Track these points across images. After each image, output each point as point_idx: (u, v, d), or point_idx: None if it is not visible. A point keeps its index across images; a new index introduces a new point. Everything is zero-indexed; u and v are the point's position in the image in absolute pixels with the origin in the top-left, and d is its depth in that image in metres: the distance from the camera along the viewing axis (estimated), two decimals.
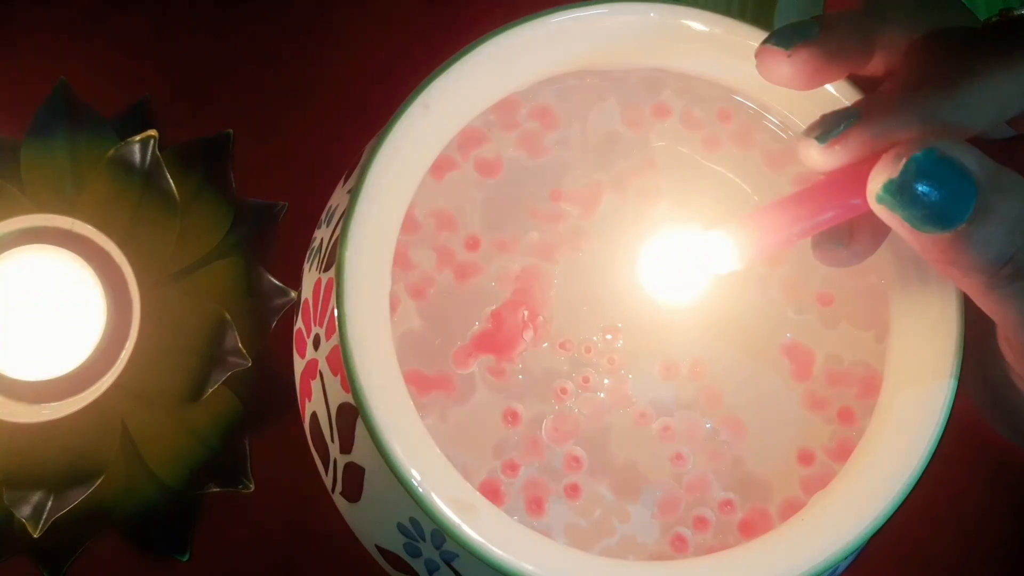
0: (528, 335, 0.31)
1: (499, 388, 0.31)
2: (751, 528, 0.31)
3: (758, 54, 0.28)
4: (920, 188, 0.24)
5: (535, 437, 0.31)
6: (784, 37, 0.27)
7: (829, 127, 0.26)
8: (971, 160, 0.24)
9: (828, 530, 0.28)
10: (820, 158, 0.26)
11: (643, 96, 0.33)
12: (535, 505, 0.30)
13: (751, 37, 0.30)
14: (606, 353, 0.32)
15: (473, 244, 0.32)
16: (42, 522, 0.39)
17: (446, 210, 0.32)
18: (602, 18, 0.31)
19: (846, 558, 0.28)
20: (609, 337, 0.32)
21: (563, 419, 0.31)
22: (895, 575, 0.42)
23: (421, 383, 0.31)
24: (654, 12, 0.31)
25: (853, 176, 0.26)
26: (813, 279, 0.32)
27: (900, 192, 0.24)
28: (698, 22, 0.31)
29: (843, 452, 0.31)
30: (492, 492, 0.30)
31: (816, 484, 0.30)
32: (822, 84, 0.28)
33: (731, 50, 0.31)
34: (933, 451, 0.28)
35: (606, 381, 0.32)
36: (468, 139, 0.32)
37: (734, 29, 0.31)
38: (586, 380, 0.32)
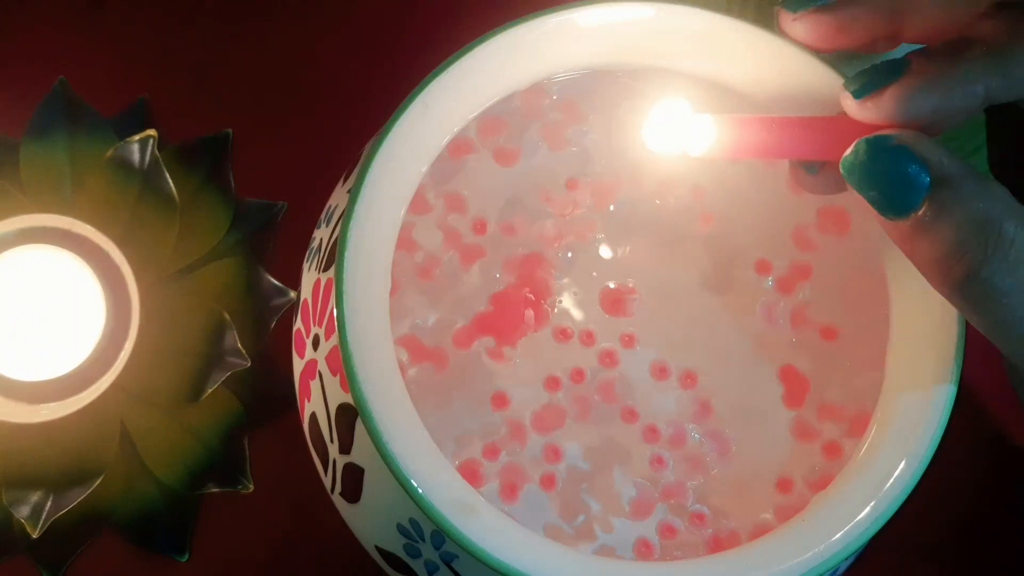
0: (529, 315, 0.31)
1: (492, 371, 0.31)
2: (719, 545, 0.30)
3: (777, 12, 0.29)
4: (870, 170, 0.25)
5: (520, 424, 0.31)
6: (793, 1, 0.29)
7: (867, 84, 0.26)
8: (932, 154, 0.25)
9: (829, 530, 0.28)
10: (857, 110, 0.27)
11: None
12: (509, 491, 0.30)
13: (752, 36, 0.30)
14: (605, 346, 0.32)
15: (480, 227, 0.32)
16: (41, 522, 0.39)
17: (457, 192, 0.32)
18: (602, 17, 0.31)
19: (847, 558, 0.28)
20: (610, 330, 0.32)
21: (550, 409, 0.31)
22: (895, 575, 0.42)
23: (416, 352, 0.31)
24: (655, 11, 0.31)
25: (844, 131, 0.26)
26: (822, 310, 0.32)
27: (851, 172, 0.26)
28: (698, 21, 0.31)
29: (823, 486, 0.30)
30: (471, 474, 0.30)
31: (790, 513, 0.30)
32: (840, 49, 0.29)
33: (732, 50, 0.31)
34: (934, 450, 0.28)
35: (600, 377, 0.32)
36: (489, 125, 0.32)
37: (736, 28, 0.31)
38: (579, 373, 0.32)
